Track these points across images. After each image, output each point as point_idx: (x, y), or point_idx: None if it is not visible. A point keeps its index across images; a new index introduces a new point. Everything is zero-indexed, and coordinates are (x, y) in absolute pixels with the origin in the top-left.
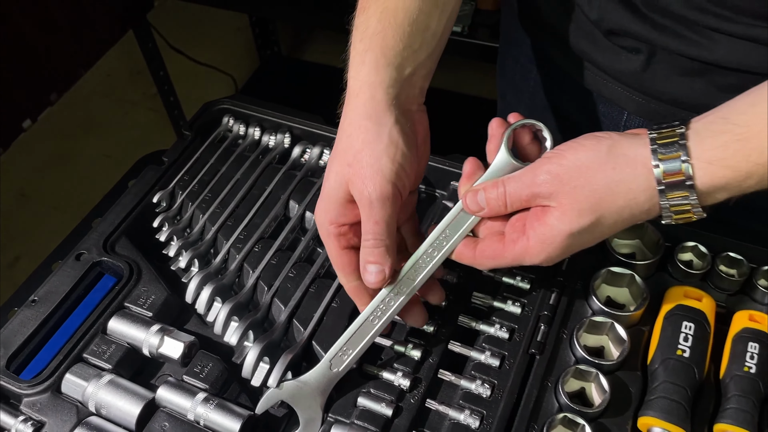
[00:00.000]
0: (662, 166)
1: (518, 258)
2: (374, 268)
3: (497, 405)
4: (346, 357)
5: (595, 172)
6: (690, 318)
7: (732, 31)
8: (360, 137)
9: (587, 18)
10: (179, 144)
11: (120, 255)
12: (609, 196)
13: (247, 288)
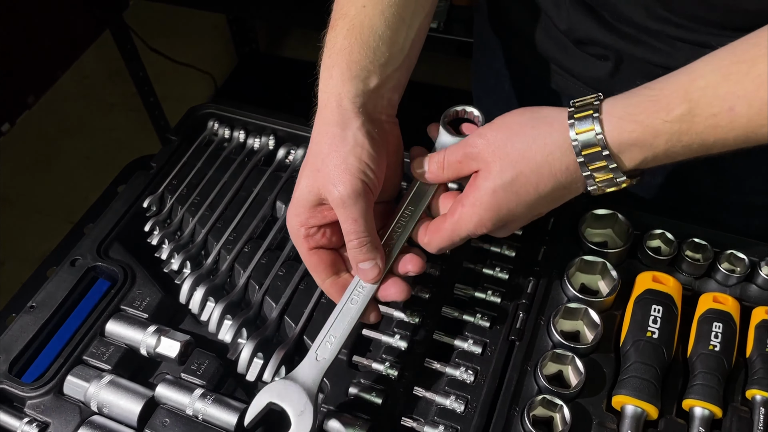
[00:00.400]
0: (576, 124)
1: (456, 227)
2: (367, 264)
3: (480, 390)
4: (330, 345)
5: (516, 132)
6: (658, 301)
7: (692, 40)
8: (327, 142)
9: (557, 28)
10: (166, 149)
11: (114, 259)
12: (528, 152)
13: (238, 287)
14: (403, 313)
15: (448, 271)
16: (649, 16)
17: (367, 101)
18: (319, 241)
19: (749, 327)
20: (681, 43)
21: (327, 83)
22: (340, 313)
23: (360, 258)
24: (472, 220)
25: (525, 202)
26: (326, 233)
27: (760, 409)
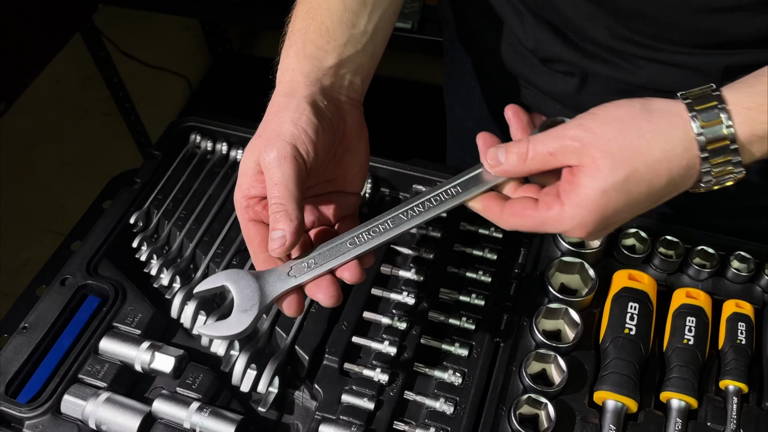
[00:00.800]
0: (700, 117)
1: (550, 222)
2: (275, 234)
3: (468, 391)
4: (308, 268)
5: (629, 124)
6: (634, 299)
7: (654, 58)
8: (272, 110)
9: (524, 47)
10: (150, 164)
11: (104, 277)
12: (644, 147)
13: (228, 300)
14: (391, 319)
15: (433, 275)
16: (611, 36)
17: (322, 78)
18: (260, 213)
19: (721, 320)
20: (643, 61)
21: (284, 62)
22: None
23: (274, 226)
24: (573, 220)
25: (633, 202)
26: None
27: (733, 399)
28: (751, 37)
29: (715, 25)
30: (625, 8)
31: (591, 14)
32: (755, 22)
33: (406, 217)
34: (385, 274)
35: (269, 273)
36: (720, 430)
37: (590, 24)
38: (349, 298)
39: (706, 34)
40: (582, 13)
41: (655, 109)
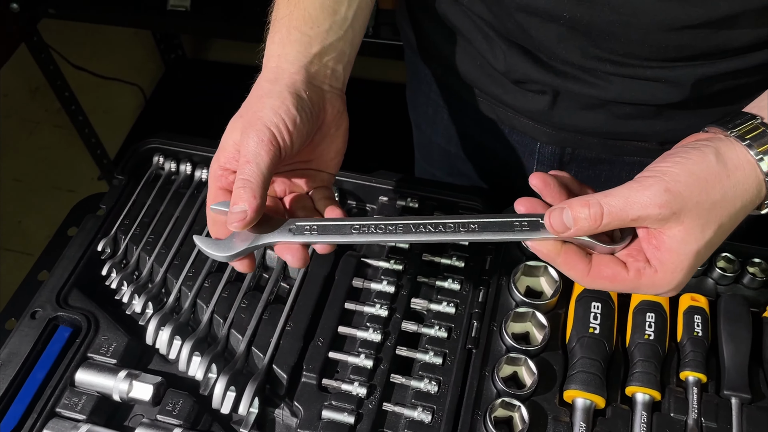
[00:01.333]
0: (766, 158)
1: (644, 288)
2: (237, 208)
3: (444, 399)
4: (307, 232)
5: (712, 184)
6: (597, 298)
7: (624, 73)
8: (256, 94)
9: (494, 68)
10: (114, 189)
11: (74, 307)
12: (728, 204)
13: (203, 323)
14: (366, 332)
15: (404, 286)
16: (583, 56)
17: (307, 65)
18: (232, 183)
19: (678, 313)
20: (614, 77)
21: (269, 48)
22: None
23: (236, 200)
24: (670, 284)
25: (717, 245)
26: None
27: (693, 389)
28: (717, 49)
29: (684, 40)
30: (597, 30)
31: (563, 37)
32: (720, 35)
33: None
34: (357, 288)
35: (273, 221)
36: (682, 420)
37: (562, 46)
38: (323, 313)
39: (675, 49)
40: (554, 36)
41: (731, 164)
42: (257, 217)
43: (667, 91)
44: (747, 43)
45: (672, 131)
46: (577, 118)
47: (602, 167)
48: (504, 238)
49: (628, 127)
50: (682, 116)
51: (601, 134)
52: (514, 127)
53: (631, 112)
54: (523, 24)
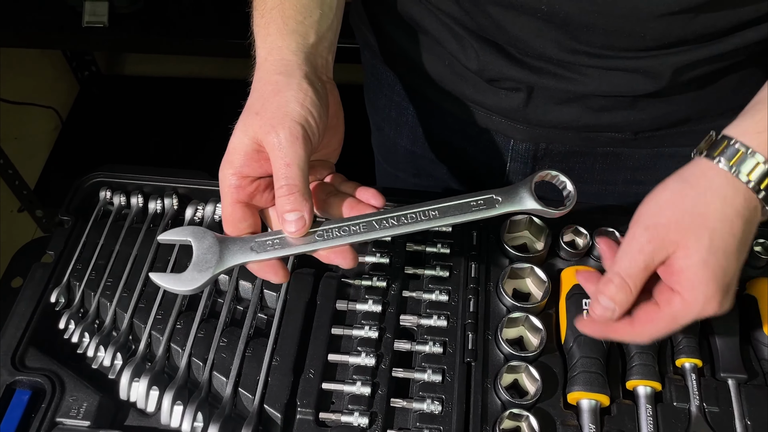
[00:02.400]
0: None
1: (680, 315)
2: (293, 216)
3: (450, 417)
4: (270, 248)
5: (680, 200)
6: (587, 295)
7: (601, 65)
8: (269, 89)
9: (466, 68)
10: (61, 233)
11: (33, 369)
12: (704, 208)
13: (182, 369)
14: (358, 357)
15: (390, 303)
16: (560, 49)
17: (308, 56)
18: (251, 194)
19: None
20: (591, 69)
21: (265, 40)
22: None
23: (287, 207)
24: (699, 301)
25: (732, 252)
26: (260, 187)
27: (691, 375)
28: (694, 35)
29: (662, 28)
30: (575, 22)
31: (539, 30)
32: (698, 20)
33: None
34: (342, 310)
35: (232, 241)
36: (686, 407)
37: (539, 40)
38: (310, 342)
39: (653, 37)
40: (531, 30)
41: (692, 177)
42: (312, 219)
43: (646, 81)
44: (724, 28)
45: (647, 120)
46: (552, 114)
47: (575, 160)
48: (465, 220)
49: (603, 119)
50: (658, 105)
51: (576, 128)
52: (486, 126)
53: (607, 105)
54: (498, 19)
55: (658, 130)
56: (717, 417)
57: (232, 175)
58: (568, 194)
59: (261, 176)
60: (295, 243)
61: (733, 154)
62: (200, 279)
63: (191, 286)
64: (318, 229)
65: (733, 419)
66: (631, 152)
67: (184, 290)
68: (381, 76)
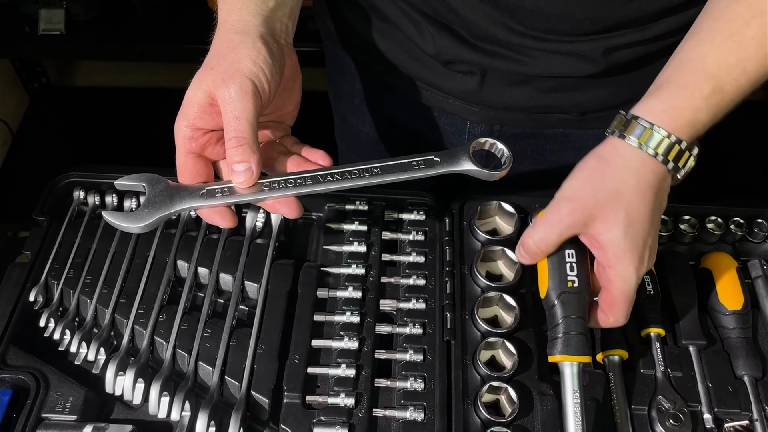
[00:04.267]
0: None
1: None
2: (241, 167)
3: (433, 394)
4: (219, 195)
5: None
6: (569, 245)
7: (545, 48)
8: (225, 46)
9: (424, 52)
10: (37, 232)
11: (16, 367)
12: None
13: (167, 361)
14: (341, 341)
15: (370, 289)
16: (509, 32)
17: (267, 19)
18: (203, 146)
19: None
20: (538, 52)
21: (225, 2)
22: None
23: (236, 159)
24: (629, 270)
25: (647, 220)
26: (212, 139)
27: (655, 344)
28: (628, 19)
29: (597, 13)
30: (520, 7)
31: (489, 15)
32: (631, 6)
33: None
34: (323, 298)
35: (184, 188)
36: (652, 373)
37: (489, 24)
38: (294, 330)
39: (590, 22)
40: (482, 15)
41: (608, 156)
42: (260, 171)
43: (585, 64)
44: (653, 12)
45: (590, 101)
46: (505, 96)
47: (528, 141)
48: (405, 177)
49: (551, 100)
50: (599, 86)
51: (527, 109)
52: (443, 108)
53: (554, 86)
54: (452, 3)
55: (602, 111)
56: (681, 381)
57: (186, 126)
58: (505, 159)
59: (213, 129)
60: (243, 192)
61: (641, 131)
62: (149, 218)
63: (140, 223)
64: (265, 180)
65: (696, 382)
66: (579, 133)
67: (134, 227)
68: (342, 64)
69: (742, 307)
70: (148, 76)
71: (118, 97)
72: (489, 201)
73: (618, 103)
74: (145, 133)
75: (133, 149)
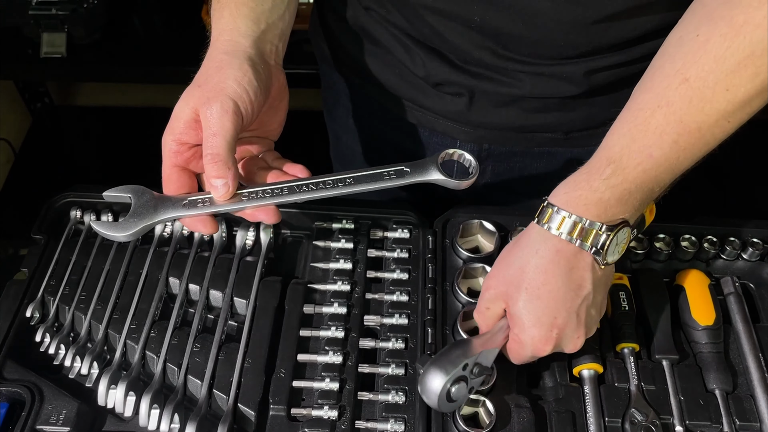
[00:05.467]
0: (542, 220)
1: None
2: (218, 182)
3: (414, 407)
4: (201, 205)
5: (506, 256)
6: None
7: (530, 71)
8: (214, 65)
9: (414, 74)
10: (34, 250)
11: (12, 380)
12: (522, 262)
13: (157, 374)
14: (326, 356)
15: (354, 305)
16: (495, 56)
17: (257, 40)
18: (187, 160)
19: None
20: (522, 74)
21: (218, 22)
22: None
23: (212, 174)
24: (528, 342)
25: (553, 298)
26: (196, 154)
27: (629, 358)
28: (607, 44)
29: (577, 39)
30: (504, 32)
31: (475, 40)
32: (608, 33)
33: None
34: (309, 314)
35: (168, 198)
36: (625, 387)
37: (475, 48)
38: (280, 344)
39: (570, 47)
40: (469, 40)
41: (520, 238)
42: (236, 184)
43: (568, 85)
44: (630, 38)
45: (574, 121)
46: (493, 116)
47: (516, 159)
48: (377, 187)
49: (538, 119)
50: (582, 106)
51: (514, 129)
52: (434, 128)
53: (539, 106)
54: (439, 29)
55: (585, 130)
56: (654, 394)
57: (172, 141)
58: (473, 169)
59: (198, 144)
60: (222, 203)
61: (545, 213)
62: (134, 227)
63: (126, 232)
64: (244, 191)
65: (668, 395)
66: (565, 151)
67: (120, 236)
68: (337, 86)
69: (714, 323)
70: (148, 96)
71: (119, 117)
72: (471, 220)
73: (600, 122)
74: (146, 152)
75: (134, 168)
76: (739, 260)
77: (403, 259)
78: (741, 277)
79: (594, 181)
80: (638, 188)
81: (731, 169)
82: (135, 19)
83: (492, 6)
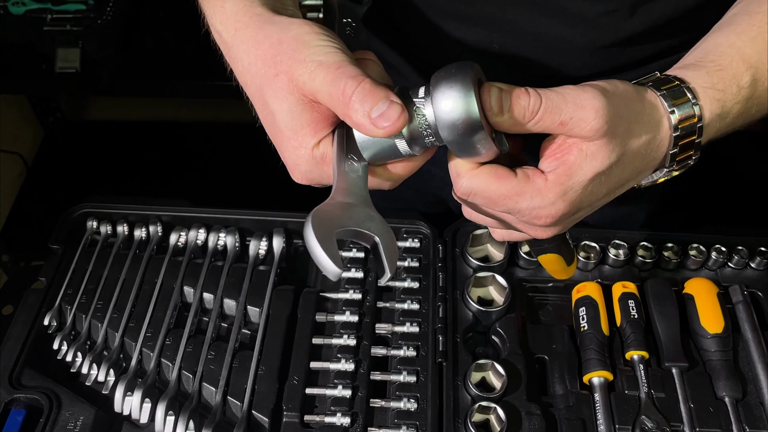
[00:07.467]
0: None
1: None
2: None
3: (425, 413)
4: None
5: (632, 100)
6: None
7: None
8: (265, 46)
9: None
10: (52, 260)
11: (30, 387)
12: (636, 128)
13: (173, 381)
14: (338, 363)
15: (366, 314)
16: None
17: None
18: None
19: (613, 301)
20: None
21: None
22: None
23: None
24: (554, 202)
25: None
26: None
27: (639, 366)
28: (621, 63)
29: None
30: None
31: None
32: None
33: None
34: (321, 322)
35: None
36: (635, 394)
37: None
38: (293, 352)
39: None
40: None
41: (648, 98)
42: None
43: None
44: (646, 56)
45: None
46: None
47: None
48: None
49: None
50: None
51: (531, 144)
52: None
53: None
54: (457, 54)
55: None
56: (664, 402)
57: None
58: None
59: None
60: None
61: (679, 95)
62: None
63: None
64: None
65: (678, 403)
66: None
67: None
68: None
69: (723, 331)
70: (159, 110)
71: (130, 131)
72: (481, 229)
73: None
74: (156, 166)
75: (145, 181)
76: (747, 269)
77: (414, 268)
78: (749, 285)
79: (732, 86)
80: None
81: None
82: (148, 35)
83: (510, 34)
